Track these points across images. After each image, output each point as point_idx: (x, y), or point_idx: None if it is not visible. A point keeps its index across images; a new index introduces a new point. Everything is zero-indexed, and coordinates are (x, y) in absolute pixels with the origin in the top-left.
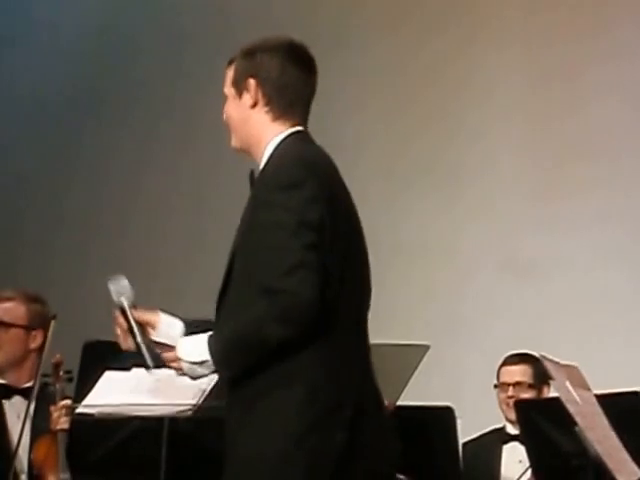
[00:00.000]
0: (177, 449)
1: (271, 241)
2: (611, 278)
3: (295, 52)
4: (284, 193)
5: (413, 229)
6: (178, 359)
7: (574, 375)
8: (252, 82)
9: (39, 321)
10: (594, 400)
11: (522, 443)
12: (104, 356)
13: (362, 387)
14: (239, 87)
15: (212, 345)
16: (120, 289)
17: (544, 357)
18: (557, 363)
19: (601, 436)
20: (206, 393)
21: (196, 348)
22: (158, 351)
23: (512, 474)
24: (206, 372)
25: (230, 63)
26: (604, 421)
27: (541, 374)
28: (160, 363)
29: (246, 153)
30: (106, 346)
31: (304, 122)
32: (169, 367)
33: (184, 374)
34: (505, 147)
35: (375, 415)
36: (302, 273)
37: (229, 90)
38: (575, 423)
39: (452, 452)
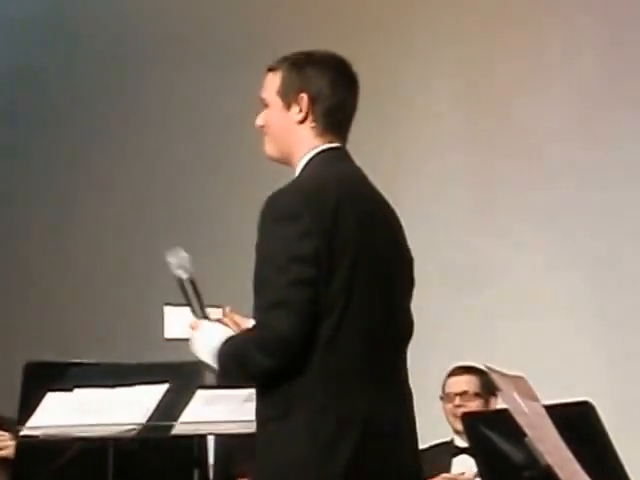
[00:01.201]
0: (123, 469)
1: (260, 274)
2: (559, 281)
3: (344, 70)
4: (278, 225)
5: None
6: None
7: (521, 386)
8: (304, 97)
9: None
10: (543, 411)
11: (472, 456)
12: (46, 377)
13: (374, 409)
14: (287, 98)
15: (221, 352)
16: (180, 261)
17: (490, 368)
18: (503, 374)
19: (551, 447)
20: (151, 412)
21: (206, 348)
22: None
23: None
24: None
25: (272, 70)
26: (554, 432)
27: (488, 384)
28: None
29: (281, 162)
30: (48, 367)
31: (344, 139)
32: None
33: None
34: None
35: (392, 437)
36: (282, 310)
37: (273, 99)
38: (525, 434)
39: None
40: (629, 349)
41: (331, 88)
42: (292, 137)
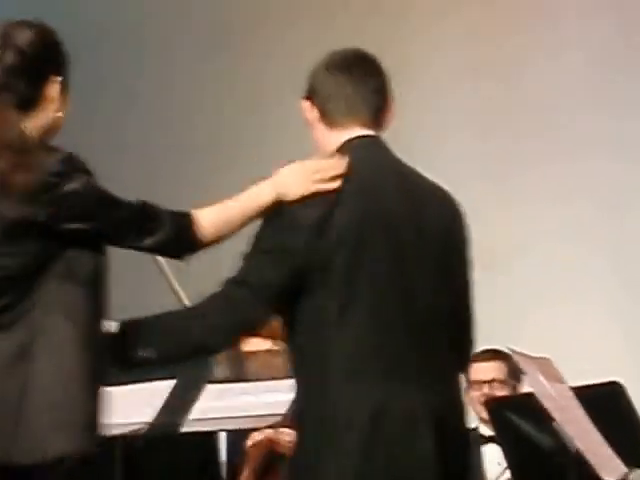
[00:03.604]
0: (131, 469)
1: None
2: (578, 260)
3: (332, 60)
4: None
5: None
6: None
7: (547, 368)
8: (306, 103)
9: None
10: (570, 393)
11: (498, 444)
12: None
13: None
14: (304, 114)
15: None
16: None
17: (514, 351)
18: (528, 357)
19: (581, 431)
20: (161, 410)
21: None
22: None
23: (493, 477)
24: None
25: None
26: (583, 414)
27: (514, 370)
28: None
29: None
30: None
31: (370, 121)
32: None
33: None
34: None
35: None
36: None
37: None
38: (553, 419)
39: None
40: None
41: (322, 81)
42: (316, 141)
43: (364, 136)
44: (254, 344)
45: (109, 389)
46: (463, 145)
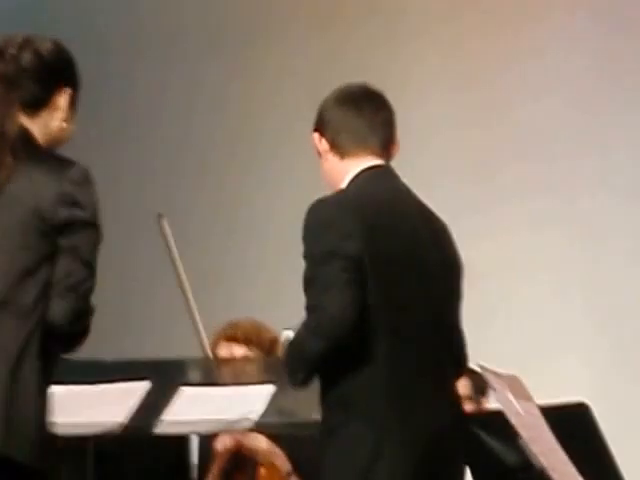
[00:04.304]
0: (103, 471)
1: (307, 275)
2: (550, 281)
3: (342, 94)
4: (319, 231)
5: None
6: None
7: (515, 385)
8: (315, 135)
9: None
10: (537, 411)
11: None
12: None
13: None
14: (314, 146)
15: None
16: None
17: (483, 368)
18: (497, 374)
19: (546, 449)
20: (134, 411)
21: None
22: None
23: None
24: None
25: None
26: (548, 433)
27: (480, 386)
28: None
29: None
30: None
31: (380, 151)
32: None
33: None
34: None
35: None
36: (329, 293)
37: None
38: (519, 436)
39: None
40: (625, 345)
41: (331, 115)
42: (325, 173)
43: (378, 166)
44: (229, 349)
45: (81, 388)
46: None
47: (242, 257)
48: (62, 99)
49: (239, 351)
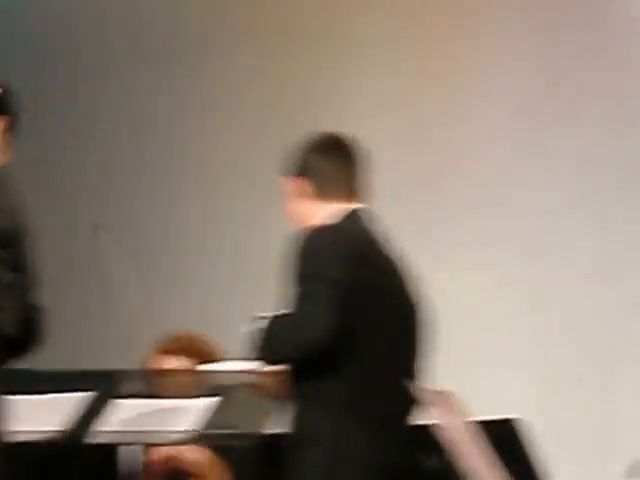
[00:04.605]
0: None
1: (297, 294)
2: (493, 302)
3: (321, 143)
4: (309, 255)
5: None
6: None
7: (450, 401)
8: (297, 181)
9: None
10: (471, 427)
11: None
12: None
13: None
14: (290, 190)
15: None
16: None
17: (417, 387)
18: (432, 389)
19: (478, 464)
20: (75, 418)
21: None
22: None
23: None
24: None
25: None
26: (481, 448)
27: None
28: None
29: None
30: None
31: (357, 194)
32: None
33: None
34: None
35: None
36: (315, 306)
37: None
38: (452, 451)
39: None
40: (556, 366)
41: (305, 161)
42: (297, 212)
43: (361, 208)
44: (167, 362)
45: (18, 397)
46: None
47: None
48: None
49: (175, 363)
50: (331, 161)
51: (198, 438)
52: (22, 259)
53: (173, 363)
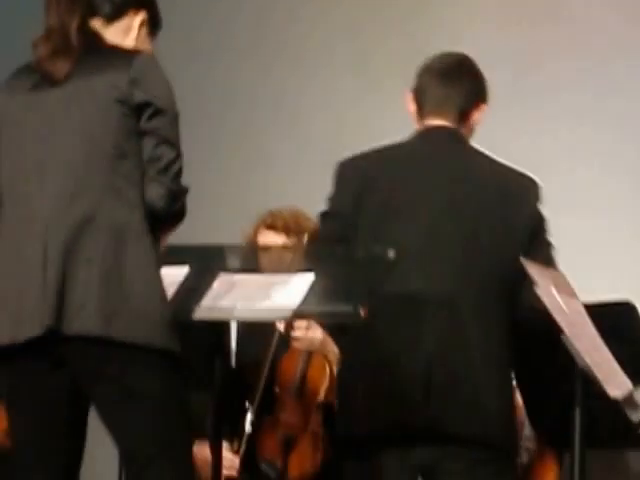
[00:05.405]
0: None
1: None
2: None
3: (432, 63)
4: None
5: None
6: None
7: (559, 281)
8: (408, 96)
9: None
10: (581, 308)
11: None
12: None
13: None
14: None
15: None
16: None
17: (524, 261)
18: (541, 269)
19: (590, 346)
20: (172, 296)
21: None
22: None
23: None
24: None
25: None
26: (592, 330)
27: None
28: None
29: None
30: None
31: (454, 117)
32: None
33: None
34: None
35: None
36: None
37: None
38: (562, 331)
39: None
40: None
41: (419, 82)
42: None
43: (443, 127)
44: (269, 238)
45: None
46: None
47: None
48: (134, 21)
49: (278, 240)
50: (431, 80)
51: (301, 314)
52: (170, 133)
53: (275, 239)
